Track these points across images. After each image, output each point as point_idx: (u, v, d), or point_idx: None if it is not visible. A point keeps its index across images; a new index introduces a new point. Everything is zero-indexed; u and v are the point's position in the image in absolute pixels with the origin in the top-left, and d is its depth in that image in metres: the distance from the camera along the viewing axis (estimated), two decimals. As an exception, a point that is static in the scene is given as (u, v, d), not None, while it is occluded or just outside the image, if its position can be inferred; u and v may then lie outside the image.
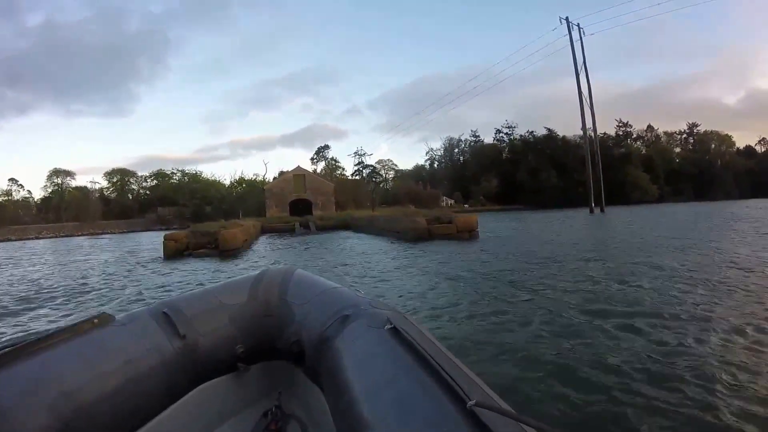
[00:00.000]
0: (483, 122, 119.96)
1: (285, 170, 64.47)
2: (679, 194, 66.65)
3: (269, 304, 1.76)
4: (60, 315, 6.44)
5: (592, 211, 38.69)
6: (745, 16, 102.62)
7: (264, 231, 28.03)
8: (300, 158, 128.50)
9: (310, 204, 44.83)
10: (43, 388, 1.13)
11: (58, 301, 7.63)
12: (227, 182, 69.40)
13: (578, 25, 43.32)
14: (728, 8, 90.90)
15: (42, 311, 6.80)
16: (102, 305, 7.05)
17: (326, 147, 78.09)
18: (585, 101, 42.82)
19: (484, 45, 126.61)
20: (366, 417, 0.97)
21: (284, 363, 1.72)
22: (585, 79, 42.85)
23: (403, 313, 1.45)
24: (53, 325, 5.00)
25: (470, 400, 0.84)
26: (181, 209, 58.68)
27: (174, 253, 14.52)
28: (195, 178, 69.80)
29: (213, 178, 70.31)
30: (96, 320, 1.42)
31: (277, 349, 1.70)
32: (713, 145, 79.12)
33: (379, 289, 7.34)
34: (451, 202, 61.43)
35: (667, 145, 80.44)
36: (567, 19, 43.58)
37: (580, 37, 43.30)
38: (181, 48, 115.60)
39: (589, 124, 43.90)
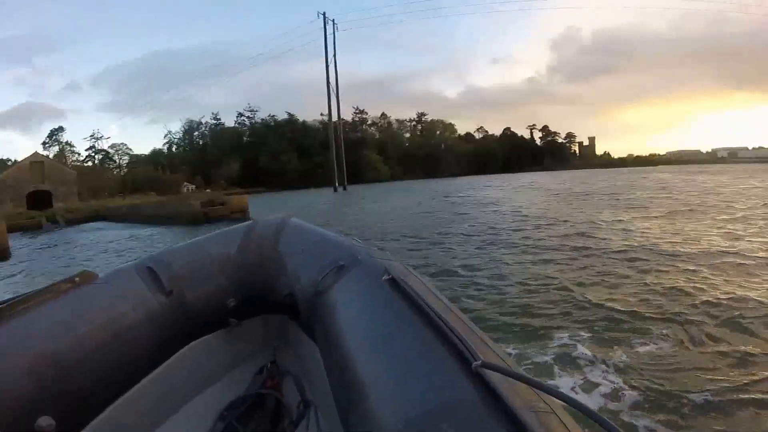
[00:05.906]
0: (223, 104, 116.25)
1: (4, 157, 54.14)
2: (410, 174, 76.28)
3: (261, 255, 1.64)
4: None
5: (336, 190, 45.23)
6: (464, 21, 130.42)
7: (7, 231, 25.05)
8: (16, 142, 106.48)
9: (50, 195, 39.99)
10: (20, 353, 1.06)
11: None
12: None
13: (333, 21, 49.79)
14: (451, 13, 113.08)
15: None
16: None
17: (60, 129, 67.91)
18: (332, 90, 49.68)
19: (221, 24, 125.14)
20: (362, 375, 0.91)
21: (278, 317, 1.64)
22: (333, 70, 49.67)
23: (403, 264, 1.36)
24: None
25: (476, 360, 0.75)
26: None
27: None
28: None
29: None
30: (77, 278, 1.34)
31: (270, 302, 1.61)
32: (438, 132, 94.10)
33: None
34: (192, 187, 59.16)
35: (398, 130, 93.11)
36: (324, 14, 49.68)
37: (333, 32, 49.75)
38: None
39: (334, 110, 51.24)
